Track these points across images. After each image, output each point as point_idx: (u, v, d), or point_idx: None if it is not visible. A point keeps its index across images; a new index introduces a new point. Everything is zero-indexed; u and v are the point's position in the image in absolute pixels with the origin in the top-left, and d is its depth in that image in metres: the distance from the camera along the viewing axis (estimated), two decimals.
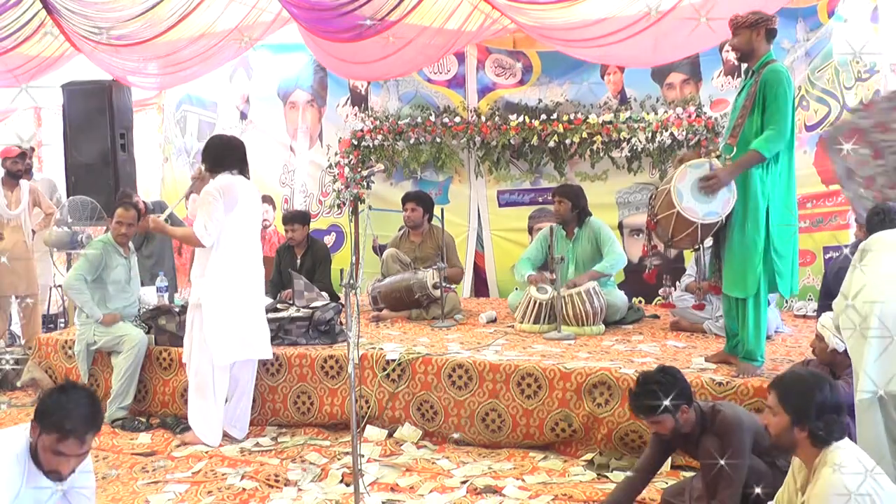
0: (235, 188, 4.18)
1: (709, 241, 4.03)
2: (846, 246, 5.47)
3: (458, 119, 6.79)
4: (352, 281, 3.07)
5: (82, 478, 2.59)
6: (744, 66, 3.98)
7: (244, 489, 3.64)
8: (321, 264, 6.03)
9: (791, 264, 3.81)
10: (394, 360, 4.37)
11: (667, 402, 2.88)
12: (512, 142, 6.64)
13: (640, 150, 6.32)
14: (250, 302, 4.33)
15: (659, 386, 2.92)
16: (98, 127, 6.56)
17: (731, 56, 4.25)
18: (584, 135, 6.41)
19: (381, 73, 6.71)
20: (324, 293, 5.41)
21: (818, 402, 2.50)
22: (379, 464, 3.92)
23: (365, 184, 6.79)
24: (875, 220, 3.83)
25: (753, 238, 3.74)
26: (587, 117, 6.41)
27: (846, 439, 2.52)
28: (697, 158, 3.93)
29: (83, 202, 6.14)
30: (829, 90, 5.81)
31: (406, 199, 6.06)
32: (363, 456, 3.87)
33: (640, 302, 6.08)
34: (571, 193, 5.46)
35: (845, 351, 3.21)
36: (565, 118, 6.47)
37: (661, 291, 6.04)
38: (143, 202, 5.80)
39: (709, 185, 3.69)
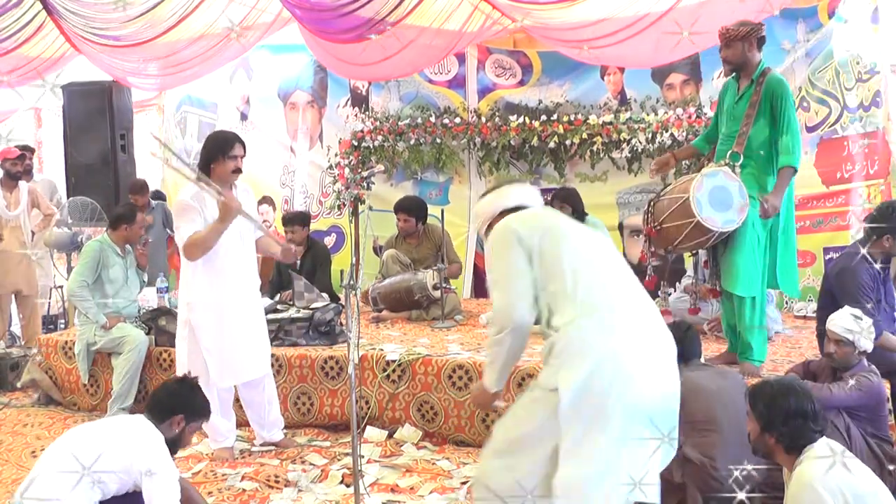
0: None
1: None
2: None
3: (458, 120, 6.79)
4: (352, 282, 3.07)
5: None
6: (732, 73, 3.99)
7: (244, 490, 3.64)
8: (321, 265, 6.02)
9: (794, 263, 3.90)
10: (394, 361, 4.37)
11: None
12: (512, 142, 6.64)
13: (640, 150, 6.32)
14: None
15: None
16: (98, 128, 6.56)
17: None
18: (585, 136, 6.41)
19: (383, 74, 6.71)
20: (324, 294, 5.40)
21: (784, 409, 2.56)
22: (379, 465, 3.92)
23: (365, 185, 6.80)
24: (889, 212, 3.72)
25: (761, 237, 3.79)
26: (587, 118, 6.41)
27: (823, 439, 2.56)
28: (672, 163, 4.21)
29: (83, 203, 6.14)
30: (829, 91, 5.81)
31: (397, 209, 5.91)
32: (363, 457, 3.86)
33: None
34: (571, 198, 5.45)
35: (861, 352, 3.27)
36: (565, 119, 6.47)
37: (660, 293, 6.02)
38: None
39: (768, 215, 3.71)
